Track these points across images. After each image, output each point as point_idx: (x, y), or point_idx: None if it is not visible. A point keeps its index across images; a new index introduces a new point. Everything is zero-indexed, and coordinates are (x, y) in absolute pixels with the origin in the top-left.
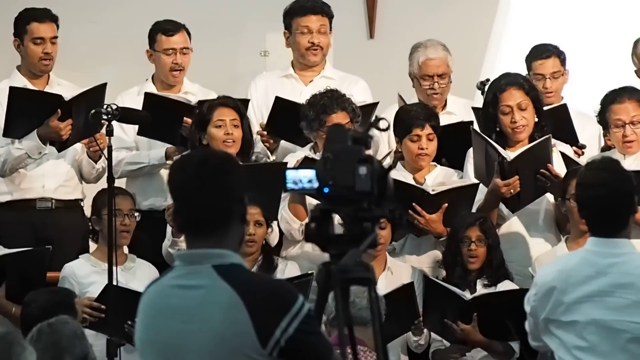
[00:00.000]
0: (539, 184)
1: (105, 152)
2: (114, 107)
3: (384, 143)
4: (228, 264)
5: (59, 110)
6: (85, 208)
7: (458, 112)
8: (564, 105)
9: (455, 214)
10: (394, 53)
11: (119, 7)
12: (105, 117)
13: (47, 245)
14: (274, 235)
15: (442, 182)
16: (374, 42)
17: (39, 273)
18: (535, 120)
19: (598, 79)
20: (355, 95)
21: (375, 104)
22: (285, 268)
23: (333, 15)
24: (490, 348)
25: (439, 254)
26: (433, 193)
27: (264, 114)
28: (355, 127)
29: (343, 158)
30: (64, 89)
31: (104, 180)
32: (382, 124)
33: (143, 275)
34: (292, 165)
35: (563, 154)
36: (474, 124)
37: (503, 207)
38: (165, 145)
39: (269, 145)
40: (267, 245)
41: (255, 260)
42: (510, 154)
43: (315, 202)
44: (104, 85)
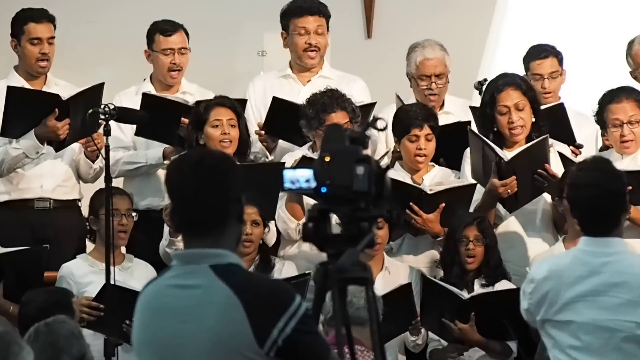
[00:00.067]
0: (537, 184)
1: (103, 151)
2: (112, 106)
3: (382, 143)
4: (225, 264)
5: (57, 110)
6: (83, 208)
7: (455, 112)
8: (561, 105)
9: (453, 214)
10: (392, 53)
11: (117, 7)
12: (103, 116)
13: (44, 245)
14: (272, 235)
15: (439, 182)
16: (372, 42)
17: (37, 272)
18: (533, 121)
19: (595, 79)
20: (354, 95)
21: (373, 104)
22: (283, 268)
23: (330, 15)
24: (488, 347)
25: (437, 254)
26: (430, 193)
27: (263, 115)
28: (354, 127)
29: (340, 158)
30: (62, 89)
31: (102, 180)
32: (379, 124)
33: (140, 275)
34: (289, 165)
35: (560, 154)
36: (472, 124)
37: (500, 207)
38: (163, 145)
39: (267, 145)
40: (264, 245)
41: (253, 260)
42: (508, 154)
43: (313, 201)
44: (102, 85)
